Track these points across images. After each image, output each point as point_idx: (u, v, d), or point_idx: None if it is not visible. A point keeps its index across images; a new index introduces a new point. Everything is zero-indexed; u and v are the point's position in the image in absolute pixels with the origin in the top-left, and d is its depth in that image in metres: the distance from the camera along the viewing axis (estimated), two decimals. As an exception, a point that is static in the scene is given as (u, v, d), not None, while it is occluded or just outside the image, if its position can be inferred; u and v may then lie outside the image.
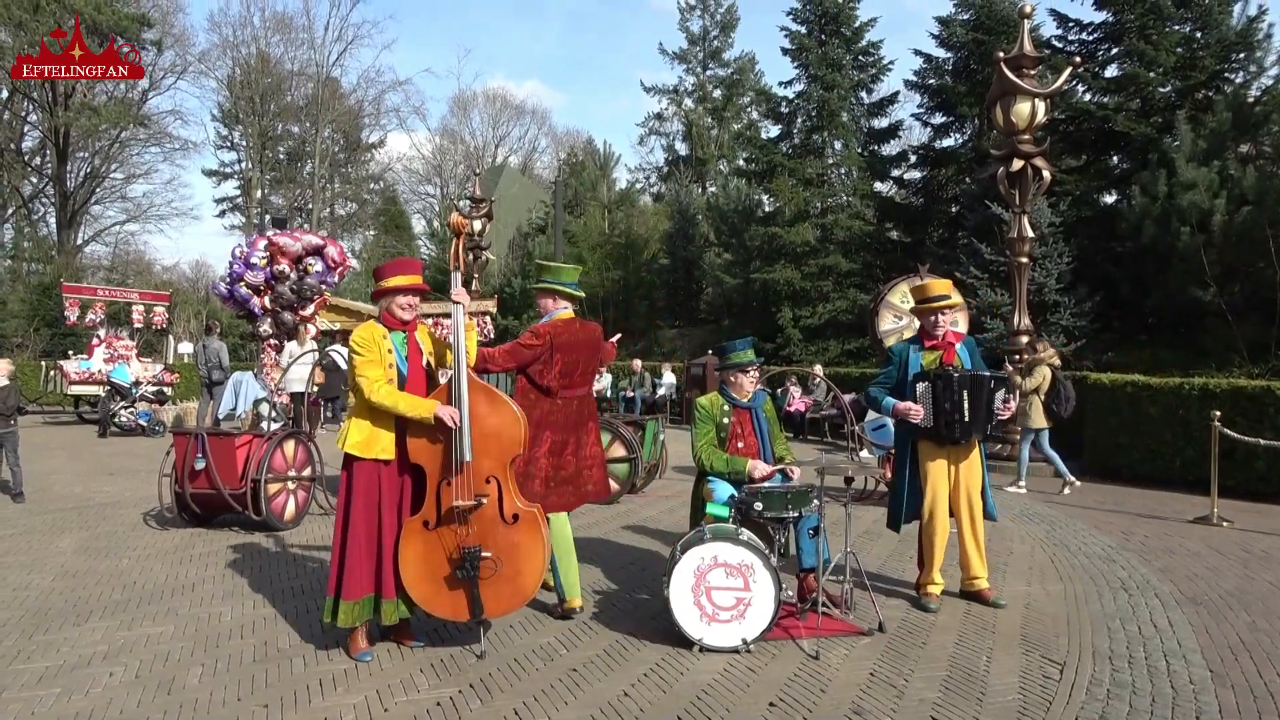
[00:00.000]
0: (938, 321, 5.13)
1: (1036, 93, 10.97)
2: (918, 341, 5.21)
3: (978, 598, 5.11)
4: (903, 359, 5.16)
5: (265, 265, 13.01)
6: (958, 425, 4.90)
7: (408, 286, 4.20)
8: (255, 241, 13.24)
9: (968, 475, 5.07)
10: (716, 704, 3.61)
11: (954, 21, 21.80)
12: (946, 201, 22.80)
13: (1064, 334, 16.00)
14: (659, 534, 7.06)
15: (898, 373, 5.15)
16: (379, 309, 4.28)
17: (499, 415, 4.14)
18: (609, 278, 31.51)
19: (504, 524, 4.10)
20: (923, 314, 5.23)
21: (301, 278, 13.19)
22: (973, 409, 4.89)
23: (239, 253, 13.16)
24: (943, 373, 4.97)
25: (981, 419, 4.94)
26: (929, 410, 4.93)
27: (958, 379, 4.91)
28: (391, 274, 4.24)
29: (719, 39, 41.07)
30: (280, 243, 13.05)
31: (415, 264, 4.40)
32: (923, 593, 5.09)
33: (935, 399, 4.91)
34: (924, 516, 5.07)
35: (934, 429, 4.95)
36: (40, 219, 37.18)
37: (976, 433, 4.98)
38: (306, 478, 7.46)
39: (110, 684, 3.82)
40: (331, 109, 42.93)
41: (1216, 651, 4.30)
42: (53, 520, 7.53)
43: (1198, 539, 7.08)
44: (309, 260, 13.42)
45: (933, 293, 5.17)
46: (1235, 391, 9.21)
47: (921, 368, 5.07)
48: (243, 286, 13.14)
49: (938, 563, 5.08)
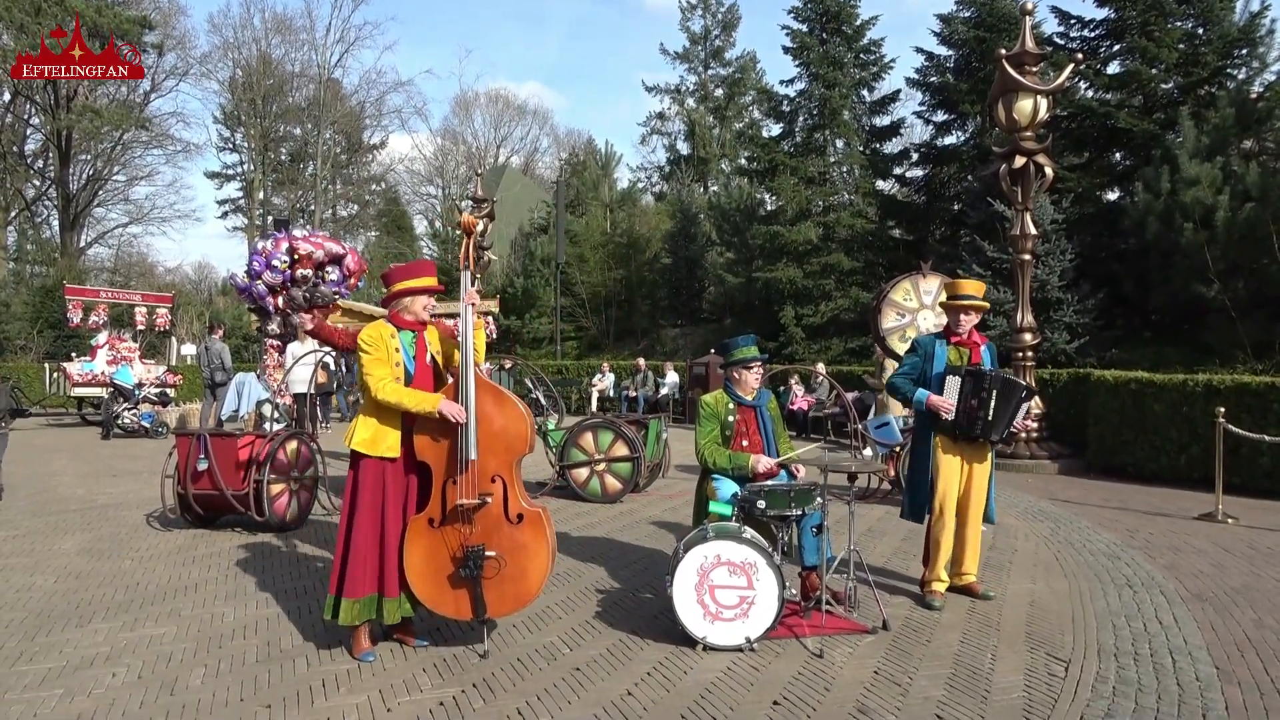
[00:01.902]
0: (960, 320, 5.14)
1: (1038, 90, 10.95)
2: (943, 336, 5.23)
3: (966, 591, 5.15)
4: (929, 351, 5.16)
5: (286, 268, 13.08)
6: (980, 423, 4.90)
7: (427, 288, 4.25)
8: (279, 242, 13.27)
9: (978, 475, 5.08)
10: (720, 703, 3.60)
11: (955, 19, 21.76)
12: (949, 199, 22.76)
13: (1067, 331, 15.97)
14: (662, 533, 7.05)
15: (922, 364, 5.15)
16: (390, 309, 4.28)
17: (505, 414, 4.14)
18: (611, 277, 31.52)
19: (509, 523, 4.09)
20: (950, 310, 5.23)
21: (316, 285, 13.24)
22: (998, 411, 4.89)
23: (262, 250, 13.20)
24: (976, 370, 4.97)
25: (1004, 423, 4.95)
26: (954, 403, 4.92)
27: (991, 377, 4.91)
28: (411, 276, 4.26)
29: (720, 38, 41.08)
30: (303, 248, 13.10)
31: (431, 266, 4.42)
32: (927, 590, 5.08)
33: (963, 393, 4.91)
34: (934, 512, 5.07)
35: (955, 423, 4.95)
36: (43, 221, 37.33)
37: (995, 434, 4.98)
38: (309, 478, 7.45)
39: (113, 685, 3.82)
40: (333, 110, 42.94)
41: (1222, 648, 4.29)
42: (56, 522, 7.53)
43: (1203, 536, 7.05)
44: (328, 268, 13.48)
45: (963, 291, 5.19)
46: (1240, 388, 9.18)
47: (948, 362, 5.07)
48: (260, 284, 13.19)
49: (944, 559, 5.08)
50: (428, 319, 4.28)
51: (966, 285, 5.26)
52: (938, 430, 5.06)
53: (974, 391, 4.90)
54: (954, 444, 5.06)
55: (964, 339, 5.16)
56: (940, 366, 5.08)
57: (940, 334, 5.28)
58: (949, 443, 5.06)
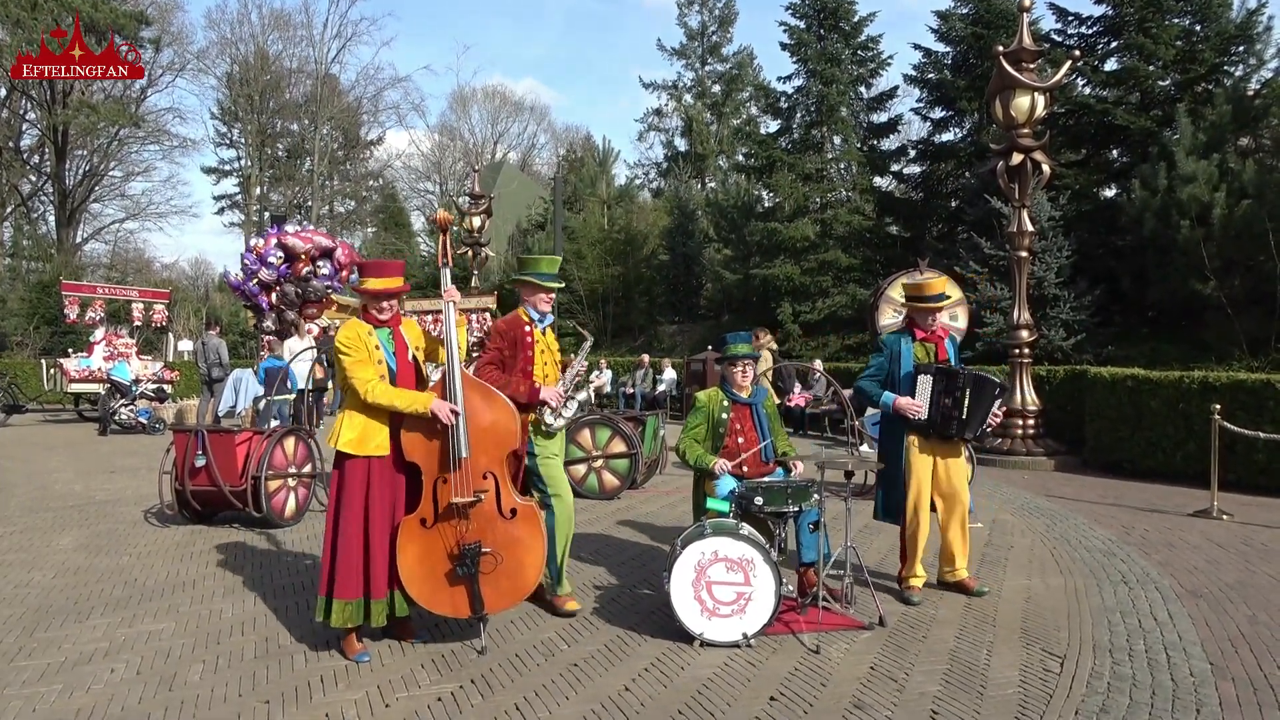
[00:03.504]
0: (934, 318, 5.13)
1: (1036, 87, 10.95)
2: (908, 333, 5.18)
3: (959, 587, 5.13)
4: (895, 351, 5.13)
5: (281, 264, 13.12)
6: (955, 422, 4.90)
7: (382, 291, 4.16)
8: (270, 239, 13.32)
9: (953, 470, 5.06)
10: (717, 698, 3.62)
11: (953, 16, 21.75)
12: (946, 196, 22.77)
13: (1064, 328, 15.99)
14: (659, 529, 7.07)
15: (889, 365, 5.12)
16: (364, 306, 4.27)
17: (494, 410, 4.15)
18: (608, 274, 31.48)
19: (503, 519, 4.10)
20: (918, 311, 5.18)
21: (307, 280, 13.27)
22: (972, 409, 4.89)
23: (255, 248, 13.24)
24: (947, 368, 4.97)
25: (977, 420, 4.94)
26: (926, 403, 4.91)
27: (963, 376, 4.91)
28: (369, 276, 4.21)
29: (718, 34, 41.00)
30: (290, 244, 13.14)
31: (395, 266, 4.34)
32: (905, 586, 5.09)
33: (935, 392, 4.90)
34: (908, 512, 5.05)
35: (928, 422, 4.94)
36: (39, 217, 37.18)
37: (969, 432, 4.98)
38: (307, 474, 7.46)
39: (111, 681, 3.83)
40: (330, 106, 42.84)
41: (1217, 644, 4.30)
42: (53, 518, 7.53)
43: (1198, 532, 7.08)
44: (319, 263, 13.52)
45: (931, 292, 5.14)
46: (1236, 385, 9.20)
47: (915, 359, 5.06)
48: (254, 283, 13.25)
49: (919, 556, 5.10)
50: (384, 319, 4.17)
51: (933, 285, 5.19)
52: (909, 429, 5.03)
53: (947, 390, 4.88)
54: (927, 442, 5.03)
55: (930, 335, 5.14)
56: (908, 365, 5.04)
57: (904, 331, 5.23)
58: (922, 442, 5.04)
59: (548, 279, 4.79)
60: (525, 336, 4.73)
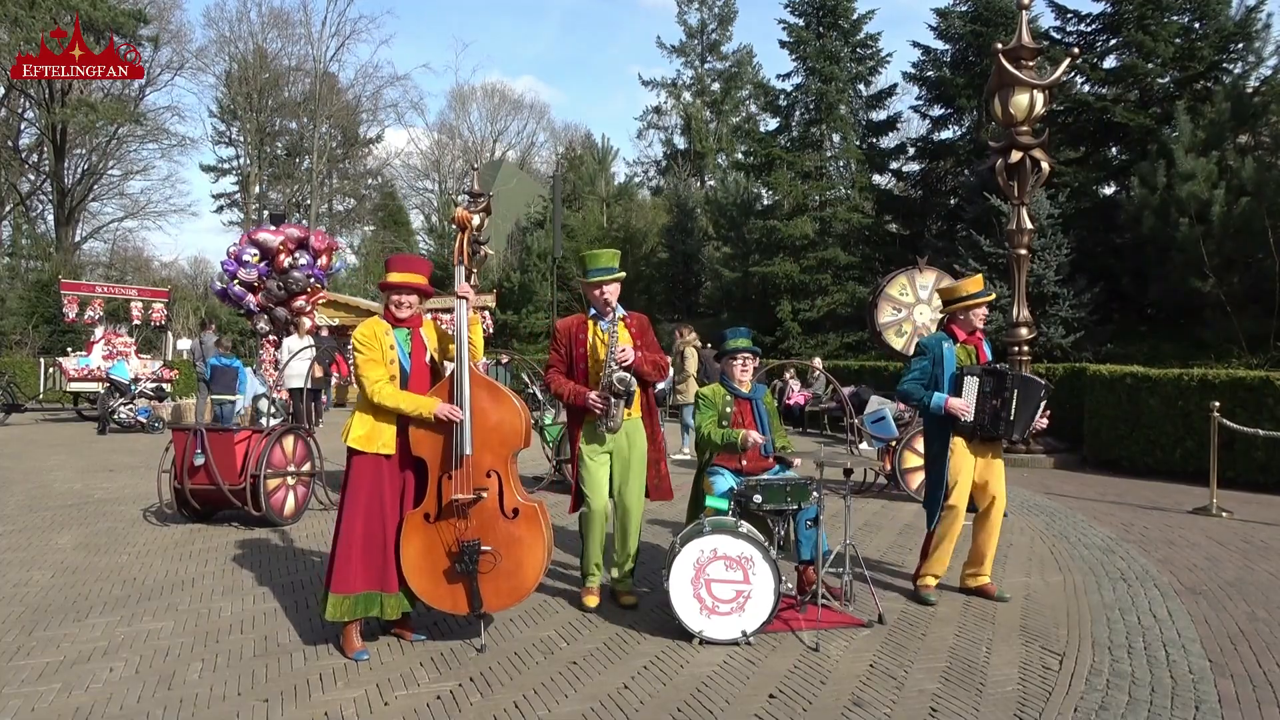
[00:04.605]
0: (974, 319, 5.04)
1: (1035, 84, 10.94)
2: (949, 336, 5.09)
3: (981, 592, 5.06)
4: (938, 354, 5.01)
5: (257, 261, 13.15)
6: (1003, 423, 4.86)
7: (401, 284, 4.15)
8: (243, 239, 13.40)
9: (996, 473, 5.01)
10: (716, 696, 3.61)
11: (952, 13, 21.77)
12: (945, 194, 22.79)
13: (1063, 326, 16.00)
14: (658, 527, 7.06)
15: (933, 367, 5.01)
16: (382, 303, 4.26)
17: (501, 410, 4.14)
18: (608, 272, 31.48)
19: (504, 518, 4.09)
20: (963, 310, 5.07)
21: (288, 272, 13.30)
22: (1019, 410, 4.85)
23: (231, 251, 13.31)
24: (995, 369, 4.92)
25: (1024, 422, 4.91)
26: (973, 404, 4.85)
27: (1011, 377, 4.87)
28: (391, 269, 4.23)
29: (717, 32, 40.99)
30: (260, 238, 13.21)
31: (420, 263, 4.32)
32: (921, 584, 5.05)
33: (983, 394, 4.83)
34: (945, 509, 4.96)
35: (975, 423, 4.86)
36: (38, 216, 37.15)
37: (1017, 433, 4.95)
38: (306, 473, 7.46)
39: (110, 679, 3.82)
40: (329, 104, 42.79)
41: (1216, 641, 4.31)
42: (52, 517, 7.53)
43: (1197, 530, 7.08)
44: (296, 254, 13.55)
45: (973, 290, 5.06)
46: (1234, 382, 9.21)
47: (959, 362, 4.98)
48: (236, 284, 13.28)
49: (945, 555, 5.02)
50: (401, 316, 4.15)
51: (972, 284, 5.13)
52: (956, 431, 4.95)
53: (995, 392, 4.82)
54: (967, 442, 4.97)
55: (970, 337, 5.07)
56: (951, 368, 4.96)
57: (944, 334, 5.15)
58: (967, 443, 4.96)
59: (593, 274, 4.70)
60: (579, 334, 4.71)
